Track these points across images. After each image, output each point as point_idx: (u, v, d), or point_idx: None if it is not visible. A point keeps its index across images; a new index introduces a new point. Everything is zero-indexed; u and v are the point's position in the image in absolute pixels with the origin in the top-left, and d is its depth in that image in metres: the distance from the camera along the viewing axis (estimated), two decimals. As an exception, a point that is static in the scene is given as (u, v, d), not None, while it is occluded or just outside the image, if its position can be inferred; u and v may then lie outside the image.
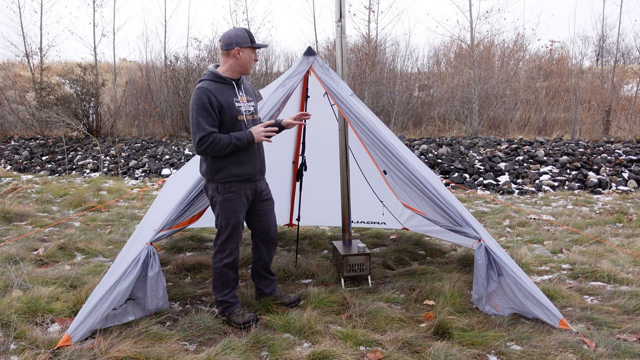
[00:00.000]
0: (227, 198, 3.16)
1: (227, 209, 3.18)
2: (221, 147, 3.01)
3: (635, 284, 3.94)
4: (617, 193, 8.35)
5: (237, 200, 3.19)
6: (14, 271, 3.95)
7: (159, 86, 16.40)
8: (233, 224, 3.20)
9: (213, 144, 2.99)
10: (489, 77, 15.43)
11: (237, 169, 3.15)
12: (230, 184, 3.16)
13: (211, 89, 3.05)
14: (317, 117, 4.56)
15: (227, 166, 3.13)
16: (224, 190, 3.16)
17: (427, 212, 3.58)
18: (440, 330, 3.11)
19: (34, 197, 7.95)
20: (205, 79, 3.13)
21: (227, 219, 3.18)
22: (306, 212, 4.77)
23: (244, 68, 3.18)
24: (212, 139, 2.99)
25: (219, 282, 3.30)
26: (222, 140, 3.01)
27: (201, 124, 2.98)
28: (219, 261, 3.25)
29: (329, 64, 8.16)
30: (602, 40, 15.73)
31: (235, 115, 3.12)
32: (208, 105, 3.00)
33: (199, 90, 3.04)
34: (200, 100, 3.01)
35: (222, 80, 3.14)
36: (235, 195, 3.18)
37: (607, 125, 13.67)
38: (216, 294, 3.33)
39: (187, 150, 12.46)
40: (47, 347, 2.82)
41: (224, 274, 3.27)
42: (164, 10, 25.76)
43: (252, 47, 3.14)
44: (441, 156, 10.67)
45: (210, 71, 3.16)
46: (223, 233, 3.22)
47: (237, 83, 3.22)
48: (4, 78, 17.44)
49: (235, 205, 3.19)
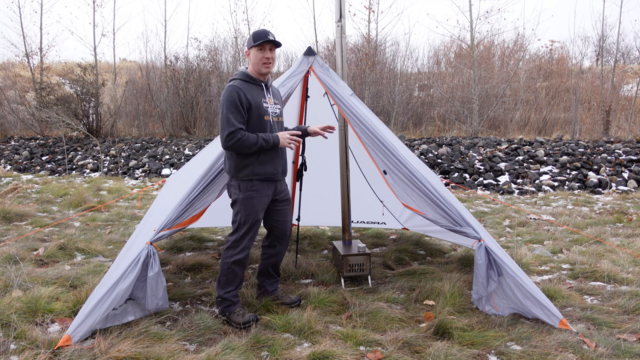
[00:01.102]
0: (249, 196, 3.22)
1: (248, 206, 3.23)
2: (248, 145, 3.08)
3: (635, 284, 3.94)
4: (617, 193, 8.35)
5: (259, 199, 3.25)
6: (14, 271, 3.95)
7: (159, 86, 16.40)
8: (252, 221, 3.25)
9: (240, 141, 3.06)
10: (489, 77, 15.43)
11: (260, 168, 3.21)
12: (253, 182, 3.22)
13: (242, 87, 3.15)
14: (317, 117, 4.57)
15: (250, 165, 3.19)
16: (247, 189, 3.22)
17: (427, 212, 3.58)
18: (440, 330, 3.11)
19: (34, 197, 7.95)
20: (237, 78, 3.24)
21: (247, 216, 3.23)
22: (306, 212, 4.77)
23: (256, 68, 3.25)
24: (240, 135, 3.06)
25: (225, 279, 3.31)
26: (249, 138, 3.09)
27: (230, 120, 3.06)
28: (230, 257, 3.27)
29: (329, 64, 8.16)
30: (602, 40, 15.74)
31: (262, 115, 3.20)
32: (238, 103, 3.09)
33: (230, 88, 3.13)
34: (231, 97, 3.09)
35: (252, 81, 3.24)
36: (257, 193, 3.24)
37: (607, 125, 13.67)
38: (219, 291, 3.34)
39: (187, 150, 12.46)
40: (47, 347, 2.82)
41: (232, 270, 3.29)
42: (164, 10, 25.81)
43: (254, 45, 3.18)
44: (441, 156, 10.67)
45: (242, 71, 3.28)
46: (241, 229, 3.25)
47: (266, 85, 3.32)
48: (4, 78, 17.45)
49: (256, 204, 3.24)
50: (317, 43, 16.17)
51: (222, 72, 16.53)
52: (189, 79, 15.39)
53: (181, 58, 15.99)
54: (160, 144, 13.58)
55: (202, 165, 3.62)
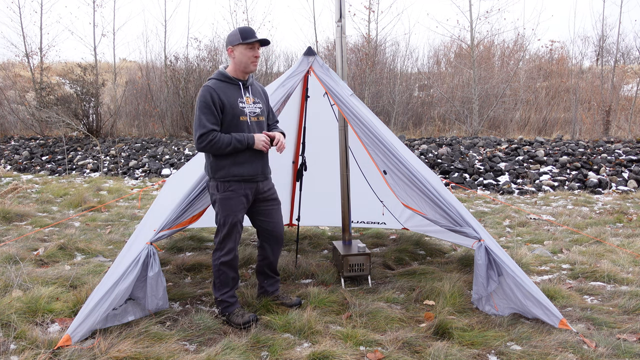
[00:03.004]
0: (226, 196, 3.19)
1: (226, 207, 3.20)
2: (220, 145, 3.06)
3: (635, 284, 3.94)
4: (617, 193, 8.35)
5: (236, 199, 3.21)
6: (14, 271, 3.94)
7: (159, 86, 16.40)
8: (231, 222, 3.21)
9: (212, 142, 3.04)
10: (489, 77, 15.43)
11: (237, 169, 3.18)
12: (230, 183, 3.19)
13: (216, 87, 3.11)
14: (317, 117, 4.57)
15: (227, 166, 3.16)
16: (224, 189, 3.19)
17: (427, 212, 3.58)
18: (440, 330, 3.11)
19: (34, 197, 7.95)
20: (212, 78, 3.20)
21: (225, 217, 3.21)
22: (306, 212, 4.77)
23: (242, 66, 3.18)
24: (212, 136, 3.04)
25: (218, 281, 3.31)
26: (222, 139, 3.06)
27: (202, 121, 3.04)
28: (217, 259, 3.27)
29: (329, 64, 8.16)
30: (602, 40, 15.74)
31: (237, 115, 3.15)
32: (210, 103, 3.06)
33: (203, 89, 3.11)
34: (203, 98, 3.07)
35: (229, 80, 3.19)
36: (235, 194, 3.20)
37: (607, 125, 13.67)
38: (215, 293, 3.34)
39: (187, 150, 12.46)
40: (47, 347, 2.82)
41: (222, 272, 3.28)
42: (164, 10, 25.80)
43: (244, 43, 3.12)
44: (441, 156, 10.67)
45: (219, 71, 3.23)
46: (221, 231, 3.24)
47: (244, 84, 3.25)
48: (4, 78, 17.45)
49: (234, 204, 3.21)
50: (317, 43, 16.18)
51: (222, 72, 16.51)
52: (189, 79, 15.38)
53: (181, 58, 16.00)
54: (160, 144, 13.58)
55: (202, 165, 3.61)
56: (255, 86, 3.36)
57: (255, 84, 3.37)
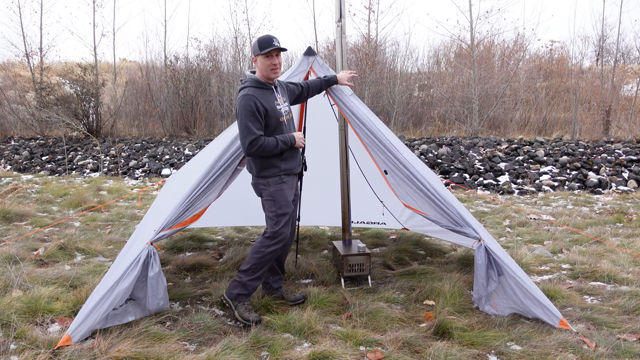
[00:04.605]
0: (279, 188, 3.37)
1: (281, 198, 3.37)
2: (269, 149, 3.25)
3: (635, 284, 3.94)
4: (617, 193, 8.35)
5: (288, 190, 3.42)
6: (14, 271, 3.95)
7: (159, 86, 16.40)
8: (290, 212, 3.39)
9: (262, 147, 3.22)
10: (489, 77, 15.43)
11: (285, 164, 3.39)
12: (281, 177, 3.39)
13: (256, 95, 3.26)
14: (317, 117, 4.57)
15: (276, 164, 3.36)
16: (275, 182, 3.37)
17: (428, 212, 3.58)
18: (440, 330, 3.11)
19: (34, 197, 7.95)
20: (249, 85, 3.31)
21: (281, 207, 3.35)
22: (306, 212, 4.77)
23: (265, 74, 3.34)
24: (261, 142, 3.21)
25: (255, 267, 3.35)
26: (269, 143, 3.25)
27: (250, 128, 3.19)
28: (267, 247, 3.32)
29: (329, 64, 8.16)
30: (602, 40, 15.74)
31: (277, 117, 3.35)
32: (255, 111, 3.21)
33: (246, 97, 3.23)
34: (248, 106, 3.21)
35: (263, 86, 3.35)
36: (287, 185, 3.41)
37: (607, 125, 13.67)
38: (244, 277, 3.36)
39: (187, 150, 12.46)
40: (47, 347, 2.82)
41: (267, 260, 3.34)
42: (164, 10, 25.77)
43: (261, 54, 3.26)
44: (441, 156, 10.68)
45: (252, 77, 3.36)
46: (281, 221, 3.34)
47: (275, 87, 3.43)
48: (4, 78, 17.44)
49: (287, 195, 3.41)
50: (317, 43, 16.18)
51: (222, 72, 16.52)
52: (189, 79, 15.39)
53: (181, 58, 16.00)
54: (160, 144, 13.58)
55: (203, 165, 3.62)
56: (281, 85, 3.55)
57: (280, 83, 3.56)
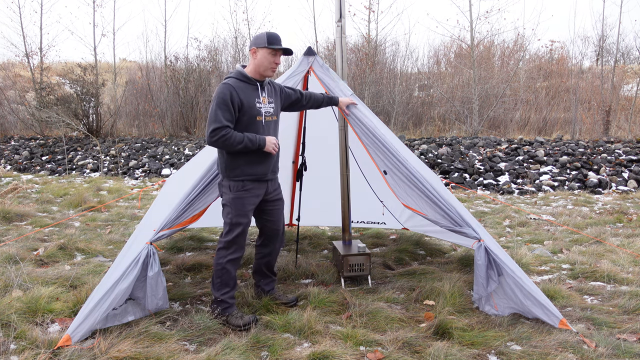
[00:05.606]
0: (239, 196, 3.23)
1: (238, 207, 3.24)
2: (232, 142, 3.08)
3: (635, 284, 3.94)
4: (617, 193, 8.35)
5: (249, 199, 3.26)
6: (14, 271, 3.94)
7: (159, 86, 16.40)
8: (244, 222, 3.26)
9: (224, 138, 3.06)
10: (489, 77, 15.42)
11: (251, 169, 3.23)
12: (244, 182, 3.24)
13: (235, 86, 3.16)
14: (317, 117, 4.57)
15: (241, 165, 3.21)
16: (237, 189, 3.23)
17: (428, 213, 3.58)
18: (440, 330, 3.11)
19: (34, 197, 7.95)
20: (232, 77, 3.23)
21: (235, 216, 3.24)
22: (306, 212, 4.77)
23: (261, 69, 3.24)
24: (225, 132, 3.06)
25: (219, 280, 3.30)
26: (234, 136, 3.09)
27: (218, 116, 3.07)
28: (223, 257, 3.27)
29: (329, 64, 8.16)
30: (602, 40, 15.74)
31: (254, 115, 3.21)
32: (229, 101, 3.10)
33: (223, 86, 3.14)
34: (222, 95, 3.10)
35: (247, 80, 3.24)
36: (248, 193, 3.25)
37: (607, 125, 13.67)
38: (215, 293, 3.33)
39: (187, 150, 12.46)
40: (47, 347, 2.82)
41: (226, 271, 3.28)
42: (164, 10, 25.78)
43: (268, 48, 3.18)
44: (441, 156, 10.67)
45: (238, 70, 3.27)
46: (234, 230, 3.25)
47: (262, 84, 3.31)
48: (4, 78, 17.44)
49: (246, 204, 3.26)
50: (317, 43, 16.18)
51: (222, 72, 16.52)
52: (189, 79, 15.39)
53: (181, 58, 16.01)
54: (160, 144, 13.58)
55: (202, 165, 3.62)
56: (273, 85, 3.44)
57: (273, 83, 3.45)
